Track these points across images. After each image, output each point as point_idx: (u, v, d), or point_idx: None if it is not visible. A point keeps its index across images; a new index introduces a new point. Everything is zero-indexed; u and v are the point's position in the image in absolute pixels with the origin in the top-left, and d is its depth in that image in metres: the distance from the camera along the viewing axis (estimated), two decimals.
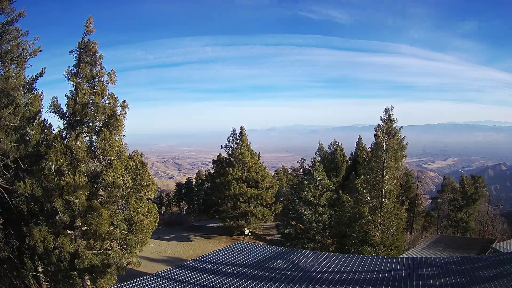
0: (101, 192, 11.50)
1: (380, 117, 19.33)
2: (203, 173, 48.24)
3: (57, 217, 11.10)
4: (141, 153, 13.16)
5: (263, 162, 29.99)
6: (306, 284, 7.32)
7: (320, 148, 35.28)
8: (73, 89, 11.67)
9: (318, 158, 31.77)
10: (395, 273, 7.88)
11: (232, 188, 26.59)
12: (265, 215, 27.82)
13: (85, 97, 11.48)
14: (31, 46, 12.49)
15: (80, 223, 11.57)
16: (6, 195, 11.50)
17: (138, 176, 11.99)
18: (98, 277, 11.79)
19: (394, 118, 23.79)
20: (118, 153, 11.56)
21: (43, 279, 12.06)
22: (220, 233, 29.17)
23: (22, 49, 12.35)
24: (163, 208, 46.22)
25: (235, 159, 27.77)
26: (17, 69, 12.36)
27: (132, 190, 11.55)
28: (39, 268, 11.89)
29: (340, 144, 34.70)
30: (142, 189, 12.02)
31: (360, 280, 7.55)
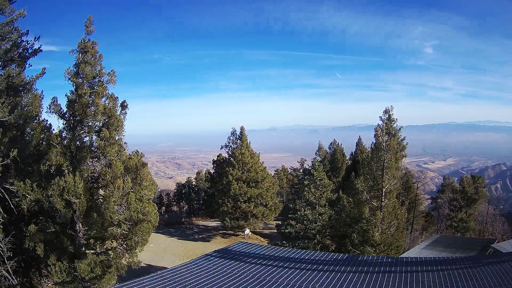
0: (101, 192, 11.50)
1: (380, 117, 19.31)
2: (203, 173, 48.29)
3: (57, 218, 11.10)
4: (141, 153, 13.14)
5: (263, 162, 29.96)
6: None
7: (320, 148, 35.28)
8: (73, 89, 11.67)
9: (318, 158, 31.74)
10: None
11: (232, 188, 26.59)
12: (265, 215, 27.84)
13: (85, 97, 11.48)
14: (31, 46, 12.51)
15: (80, 223, 11.57)
16: (6, 195, 11.50)
17: (138, 176, 11.98)
18: (98, 277, 11.78)
19: (394, 118, 23.83)
20: (118, 153, 11.56)
21: (44, 279, 12.06)
22: (220, 233, 29.20)
23: (22, 49, 12.36)
24: (163, 208, 46.29)
25: (235, 159, 27.76)
26: (17, 69, 12.36)
27: (132, 190, 11.55)
28: (40, 269, 11.90)
29: (340, 144, 34.74)
30: (142, 189, 12.02)
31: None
